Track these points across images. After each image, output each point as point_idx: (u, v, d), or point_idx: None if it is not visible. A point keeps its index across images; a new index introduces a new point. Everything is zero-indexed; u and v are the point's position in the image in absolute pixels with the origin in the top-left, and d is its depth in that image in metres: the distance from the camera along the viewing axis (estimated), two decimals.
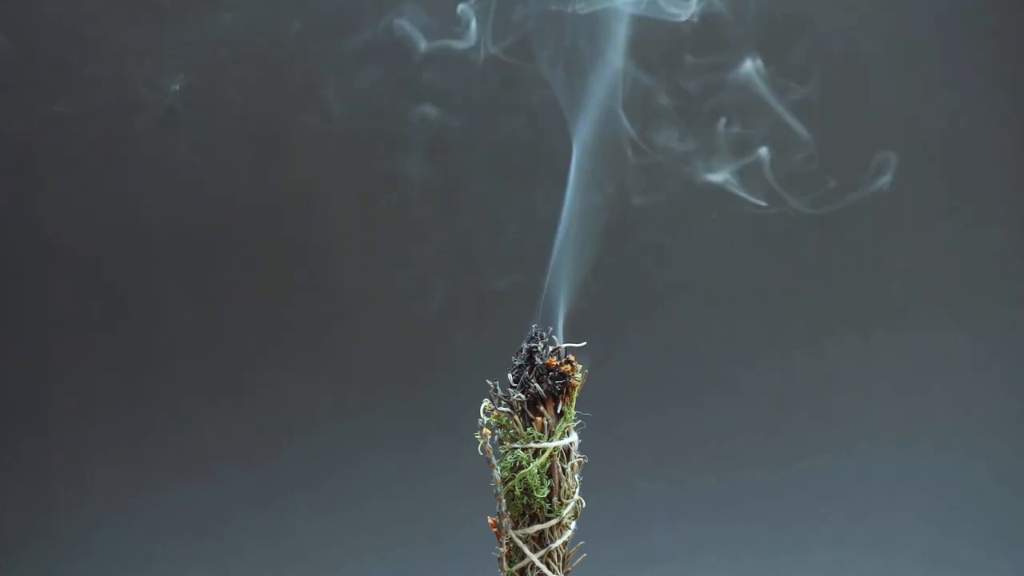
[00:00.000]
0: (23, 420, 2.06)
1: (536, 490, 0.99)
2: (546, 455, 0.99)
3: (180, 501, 2.03)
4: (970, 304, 2.14)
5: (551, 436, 0.99)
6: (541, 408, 1.00)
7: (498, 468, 0.99)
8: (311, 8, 2.07)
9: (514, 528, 1.00)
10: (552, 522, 1.00)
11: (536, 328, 1.01)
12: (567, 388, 1.00)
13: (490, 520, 1.00)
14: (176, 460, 2.05)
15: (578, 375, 1.00)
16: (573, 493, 1.01)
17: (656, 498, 2.06)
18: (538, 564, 0.99)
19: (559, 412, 1.00)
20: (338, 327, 2.11)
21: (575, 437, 1.01)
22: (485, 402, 1.00)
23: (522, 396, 0.99)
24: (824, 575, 1.98)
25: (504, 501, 0.99)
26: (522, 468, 0.99)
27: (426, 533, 2.01)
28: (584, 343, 1.02)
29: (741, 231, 2.13)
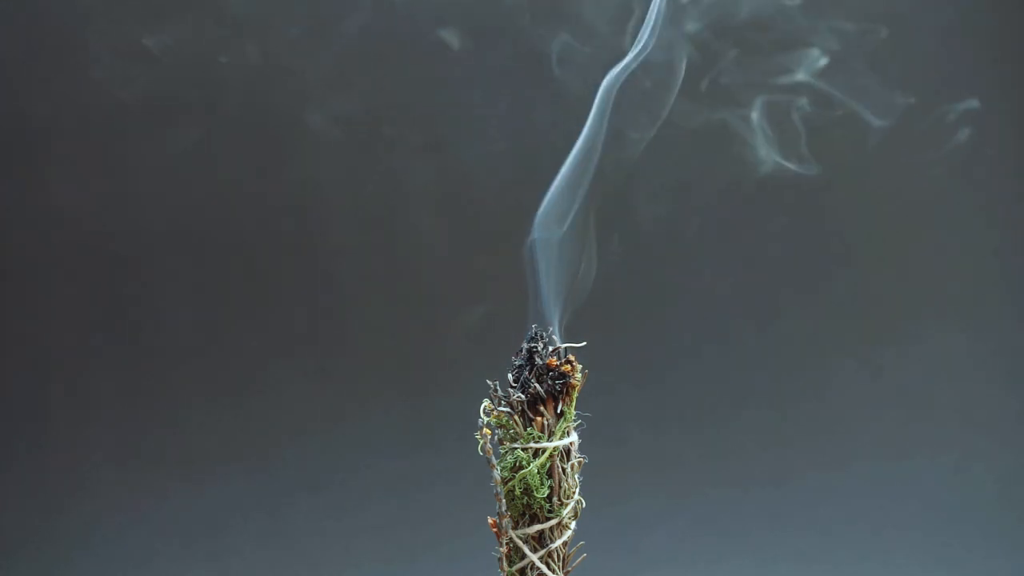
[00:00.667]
0: (23, 420, 2.06)
1: (536, 490, 0.99)
2: (546, 455, 0.99)
3: (180, 502, 2.03)
4: (971, 305, 2.14)
5: (551, 436, 0.99)
6: (541, 408, 1.00)
7: (498, 468, 0.99)
8: (311, 8, 2.07)
9: (514, 528, 1.00)
10: (552, 522, 1.00)
11: (536, 328, 1.01)
12: (567, 388, 1.00)
13: (490, 520, 1.00)
14: (176, 461, 2.05)
15: (578, 375, 1.00)
16: (573, 493, 1.01)
17: (656, 498, 2.06)
18: (538, 564, 0.99)
19: (559, 412, 1.00)
20: (338, 327, 2.11)
21: (575, 437, 1.01)
22: (485, 402, 1.00)
23: (522, 396, 0.99)
24: (824, 573, 1.99)
25: (504, 501, 0.99)
26: (522, 468, 0.99)
27: (426, 533, 2.01)
28: (584, 343, 1.02)
29: (741, 231, 2.13)
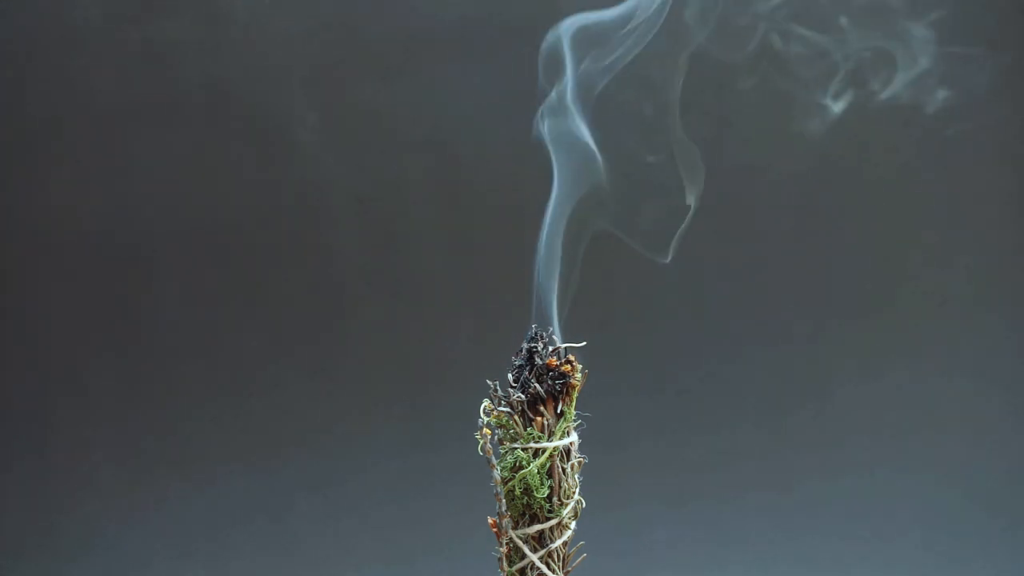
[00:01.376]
0: (24, 421, 2.06)
1: (536, 490, 0.98)
2: (546, 455, 0.99)
3: (181, 503, 2.03)
4: (971, 303, 2.13)
5: (551, 436, 0.99)
6: (541, 408, 1.00)
7: (498, 468, 0.99)
8: (312, 7, 2.07)
9: (514, 528, 1.00)
10: (552, 522, 1.00)
11: (536, 328, 1.01)
12: (567, 388, 1.00)
13: (490, 520, 1.00)
14: (177, 461, 2.05)
15: (578, 375, 1.00)
16: (573, 493, 1.01)
17: (656, 498, 2.06)
18: (538, 564, 0.99)
19: (559, 412, 1.00)
20: (339, 328, 2.11)
21: (575, 437, 1.01)
22: (485, 402, 1.00)
23: (522, 396, 0.99)
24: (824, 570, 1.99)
25: (504, 501, 0.99)
26: (522, 468, 0.99)
27: (426, 533, 2.01)
28: (584, 343, 1.02)
29: (742, 231, 2.13)
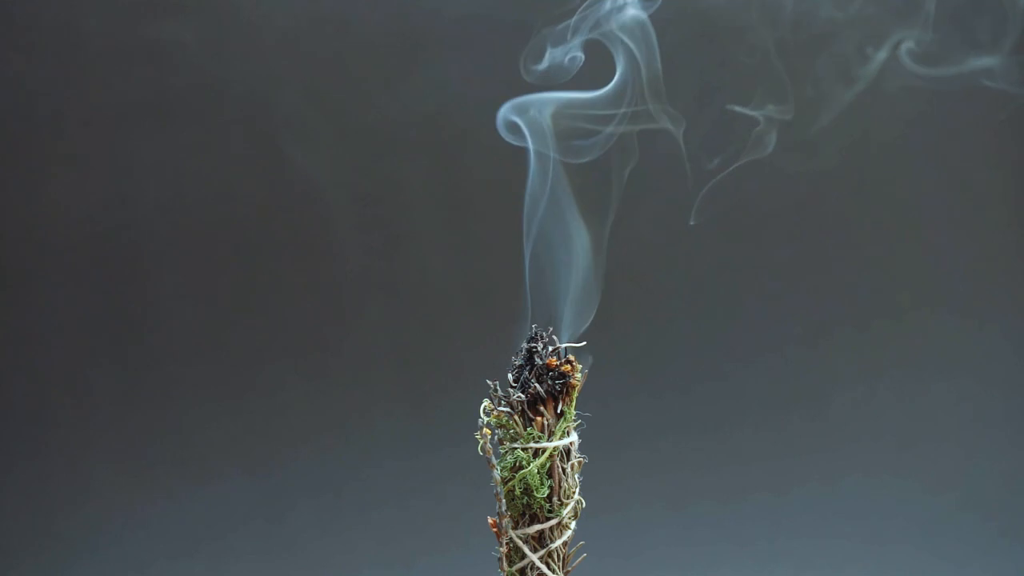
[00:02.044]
0: (24, 422, 2.06)
1: (536, 490, 0.99)
2: (546, 455, 0.99)
3: (181, 504, 2.03)
4: (971, 303, 2.14)
5: (551, 436, 0.99)
6: (541, 408, 1.00)
7: (498, 468, 0.99)
8: (312, 7, 2.07)
9: (514, 528, 1.00)
10: (552, 522, 1.00)
11: (536, 328, 1.01)
12: (567, 388, 1.00)
13: (490, 520, 1.00)
14: (177, 463, 2.05)
15: (578, 375, 1.00)
16: (573, 493, 1.01)
17: (656, 499, 2.06)
18: (538, 564, 0.99)
19: (559, 412, 1.00)
20: (338, 328, 2.11)
21: (575, 437, 1.01)
22: (485, 402, 1.00)
23: (522, 396, 0.99)
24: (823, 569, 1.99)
25: (504, 501, 0.99)
26: (522, 468, 0.99)
27: (426, 533, 2.01)
28: (584, 343, 1.02)
29: (742, 233, 2.13)
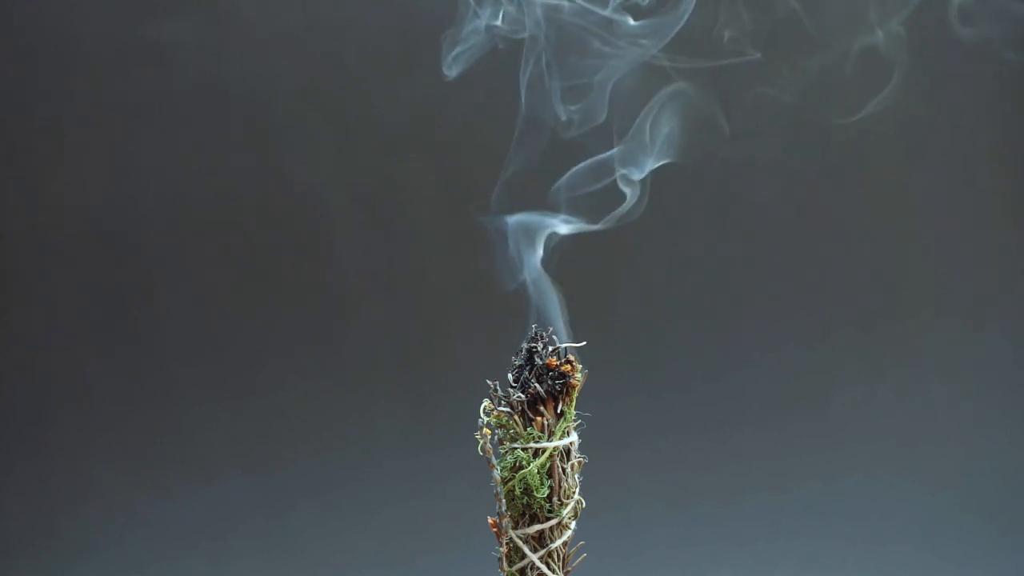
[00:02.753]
0: (25, 422, 2.06)
1: (536, 490, 0.99)
2: (546, 455, 0.99)
3: (182, 503, 2.03)
4: (972, 303, 2.14)
5: (551, 436, 0.99)
6: (541, 408, 1.00)
7: (498, 468, 0.99)
8: (312, 7, 2.07)
9: (514, 528, 1.00)
10: (552, 522, 1.00)
11: (536, 328, 1.01)
12: (567, 388, 1.00)
13: (490, 520, 1.00)
14: (177, 462, 2.05)
15: (578, 375, 1.00)
16: (573, 493, 1.01)
17: (656, 498, 2.06)
18: (538, 564, 0.99)
19: (559, 412, 1.00)
20: (338, 328, 2.11)
21: (575, 437, 1.01)
22: (485, 402, 1.00)
23: (522, 396, 0.99)
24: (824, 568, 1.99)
25: (504, 501, 0.99)
26: (522, 468, 0.99)
27: (426, 533, 2.01)
28: (584, 343, 1.02)
29: (743, 232, 2.13)
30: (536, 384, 0.99)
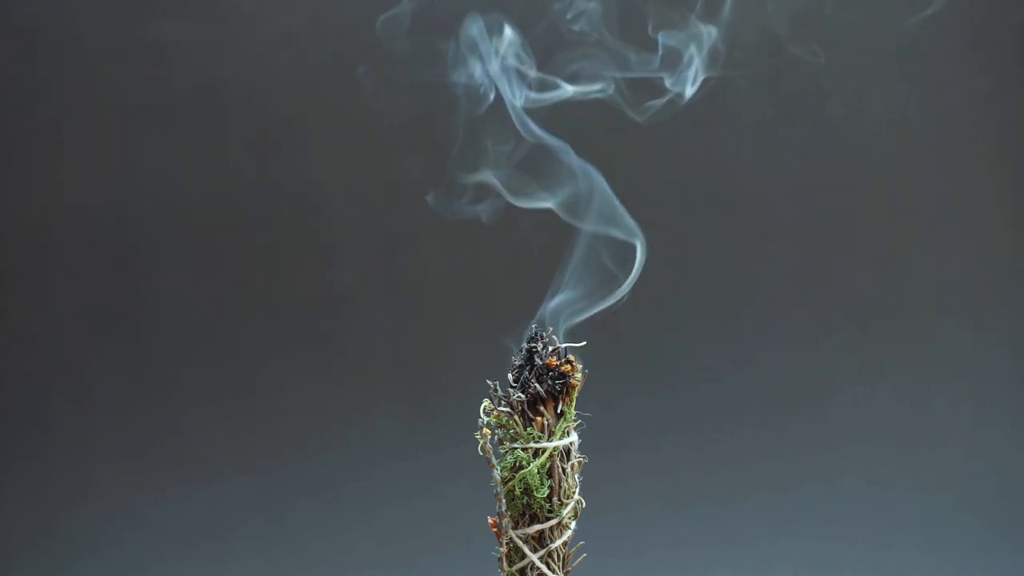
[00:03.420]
0: (25, 422, 2.06)
1: (536, 490, 0.99)
2: (546, 455, 0.99)
3: (182, 504, 2.03)
4: (972, 303, 2.14)
5: (551, 436, 0.99)
6: (541, 408, 1.00)
7: (498, 468, 0.99)
8: (312, 7, 2.07)
9: (514, 528, 1.00)
10: (552, 522, 1.00)
11: (536, 328, 1.01)
12: (567, 388, 1.00)
13: (490, 520, 1.00)
14: (177, 463, 2.05)
15: (578, 375, 1.00)
16: (573, 493, 1.01)
17: (656, 499, 2.06)
18: (538, 564, 0.99)
19: (559, 412, 1.00)
20: (339, 328, 2.11)
21: (575, 437, 1.01)
22: (485, 402, 1.00)
23: (522, 396, 0.99)
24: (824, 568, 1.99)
25: (504, 501, 0.99)
26: (522, 468, 0.99)
27: (426, 533, 2.01)
28: (584, 343, 1.02)
29: (743, 233, 2.13)
30: (536, 384, 0.99)
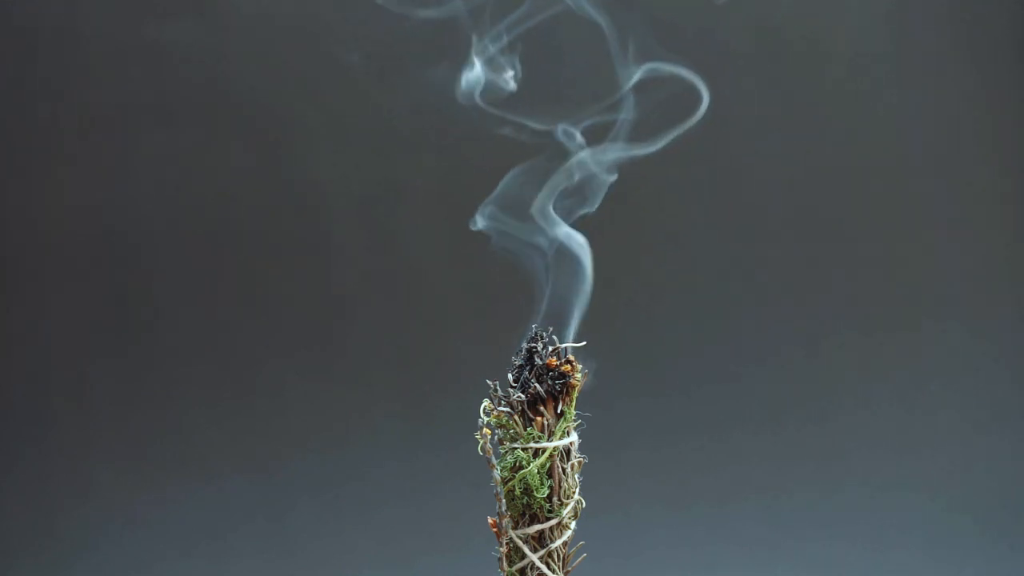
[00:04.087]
0: (25, 422, 2.06)
1: (536, 490, 0.98)
2: (546, 455, 0.99)
3: (182, 503, 2.03)
4: (971, 305, 2.14)
5: (551, 436, 0.99)
6: (541, 408, 1.00)
7: (498, 468, 0.99)
8: (312, 7, 2.07)
9: (514, 528, 1.00)
10: (552, 522, 1.00)
11: (536, 328, 1.01)
12: (567, 388, 1.00)
13: (490, 520, 1.00)
14: (178, 463, 2.05)
15: (578, 375, 1.00)
16: (573, 493, 1.01)
17: (656, 499, 2.06)
18: (538, 564, 0.99)
19: (559, 412, 1.00)
20: (339, 329, 2.11)
21: (575, 437, 1.01)
22: (485, 402, 1.00)
23: (522, 396, 0.99)
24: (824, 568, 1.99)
25: (504, 501, 0.99)
26: (522, 468, 0.99)
27: (426, 533, 2.01)
28: (584, 343, 1.02)
29: (744, 235, 2.13)
30: (536, 384, 0.99)
